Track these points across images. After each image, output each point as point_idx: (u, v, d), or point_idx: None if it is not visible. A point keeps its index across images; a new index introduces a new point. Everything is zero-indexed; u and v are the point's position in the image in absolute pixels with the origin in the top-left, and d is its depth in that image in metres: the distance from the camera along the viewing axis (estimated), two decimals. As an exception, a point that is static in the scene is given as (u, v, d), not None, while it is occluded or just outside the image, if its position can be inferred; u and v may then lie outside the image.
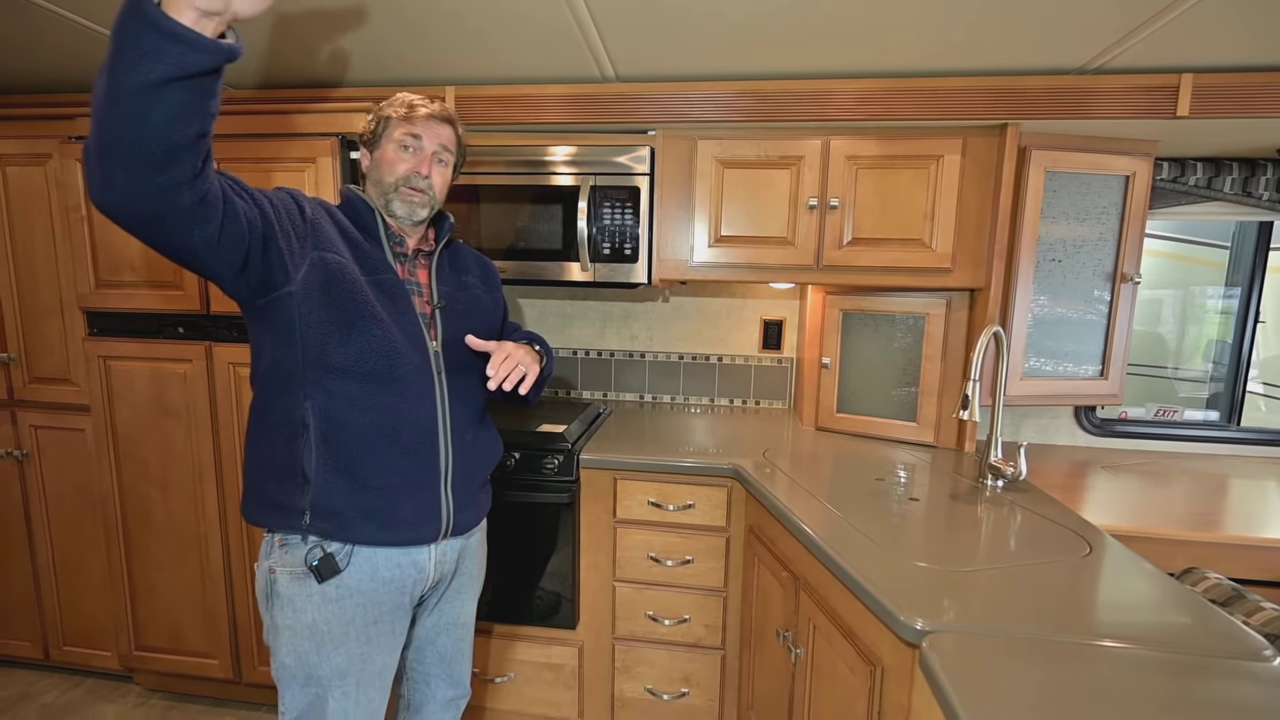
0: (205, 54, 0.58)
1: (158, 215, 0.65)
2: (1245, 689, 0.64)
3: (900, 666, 0.77)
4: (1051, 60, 1.19)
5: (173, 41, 0.56)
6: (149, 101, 0.58)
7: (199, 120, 0.62)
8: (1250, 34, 1.05)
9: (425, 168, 0.91)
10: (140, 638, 1.56)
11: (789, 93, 1.33)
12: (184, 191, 0.65)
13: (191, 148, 0.63)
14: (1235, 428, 1.67)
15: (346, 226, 0.90)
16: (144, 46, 0.56)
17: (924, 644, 0.71)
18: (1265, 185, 1.46)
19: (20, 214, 1.52)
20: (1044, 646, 0.71)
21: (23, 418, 1.57)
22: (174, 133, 0.60)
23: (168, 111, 0.59)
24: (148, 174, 0.61)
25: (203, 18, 0.58)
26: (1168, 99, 1.22)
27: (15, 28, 1.14)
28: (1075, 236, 1.39)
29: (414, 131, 0.90)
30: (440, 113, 0.92)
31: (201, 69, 0.59)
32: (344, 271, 0.84)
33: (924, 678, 0.70)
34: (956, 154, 1.33)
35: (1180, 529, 1.18)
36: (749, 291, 1.80)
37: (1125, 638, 0.72)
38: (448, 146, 0.94)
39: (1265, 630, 0.78)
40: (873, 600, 0.81)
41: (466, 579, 1.03)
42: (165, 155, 0.61)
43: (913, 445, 1.49)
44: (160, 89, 0.57)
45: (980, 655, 0.69)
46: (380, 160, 0.91)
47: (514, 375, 0.91)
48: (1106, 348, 1.42)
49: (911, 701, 0.75)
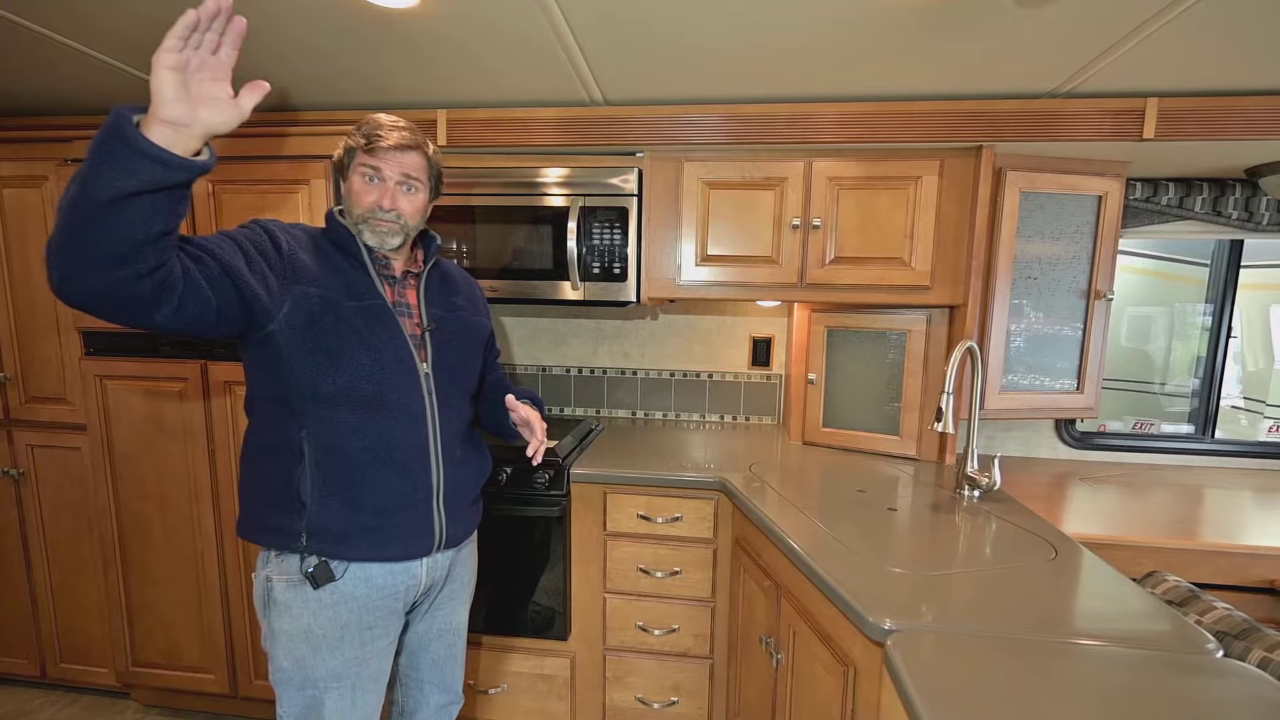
0: (178, 171, 0.61)
1: (114, 302, 0.66)
2: (1189, 681, 0.68)
3: (871, 666, 0.81)
4: (1023, 84, 1.23)
5: (149, 161, 0.59)
6: (118, 209, 0.60)
7: (164, 220, 0.63)
8: (1213, 59, 1.10)
9: (388, 200, 0.89)
10: (137, 654, 1.58)
11: (772, 116, 1.37)
12: (144, 281, 0.66)
13: (155, 243, 0.64)
14: (1209, 440, 1.72)
15: (329, 253, 0.90)
16: (120, 163, 0.58)
17: (889, 642, 0.75)
18: (1234, 205, 1.51)
19: (16, 235, 1.54)
20: (1006, 644, 0.74)
21: (19, 437, 1.59)
22: (138, 233, 0.62)
23: (135, 216, 0.61)
24: (110, 268, 0.62)
25: (174, 131, 0.60)
26: (1134, 122, 1.27)
27: (12, 52, 1.17)
28: (1050, 255, 1.43)
29: (373, 164, 0.88)
30: (402, 141, 0.88)
31: (173, 184, 0.61)
32: (327, 303, 0.86)
33: (889, 675, 0.73)
34: (934, 175, 1.38)
35: (1150, 536, 1.22)
36: (738, 309, 1.84)
37: (1084, 635, 0.77)
38: (412, 174, 0.91)
39: (1216, 628, 0.83)
40: (843, 603, 0.85)
41: (458, 586, 1.06)
42: (129, 252, 0.62)
43: (895, 458, 1.53)
44: (130, 199, 0.60)
45: (944, 653, 0.73)
46: (349, 191, 0.91)
47: (545, 446, 1.04)
48: (1082, 362, 1.47)
49: (881, 699, 0.79)
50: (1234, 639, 0.80)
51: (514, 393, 1.10)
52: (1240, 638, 0.80)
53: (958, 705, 0.63)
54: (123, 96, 1.40)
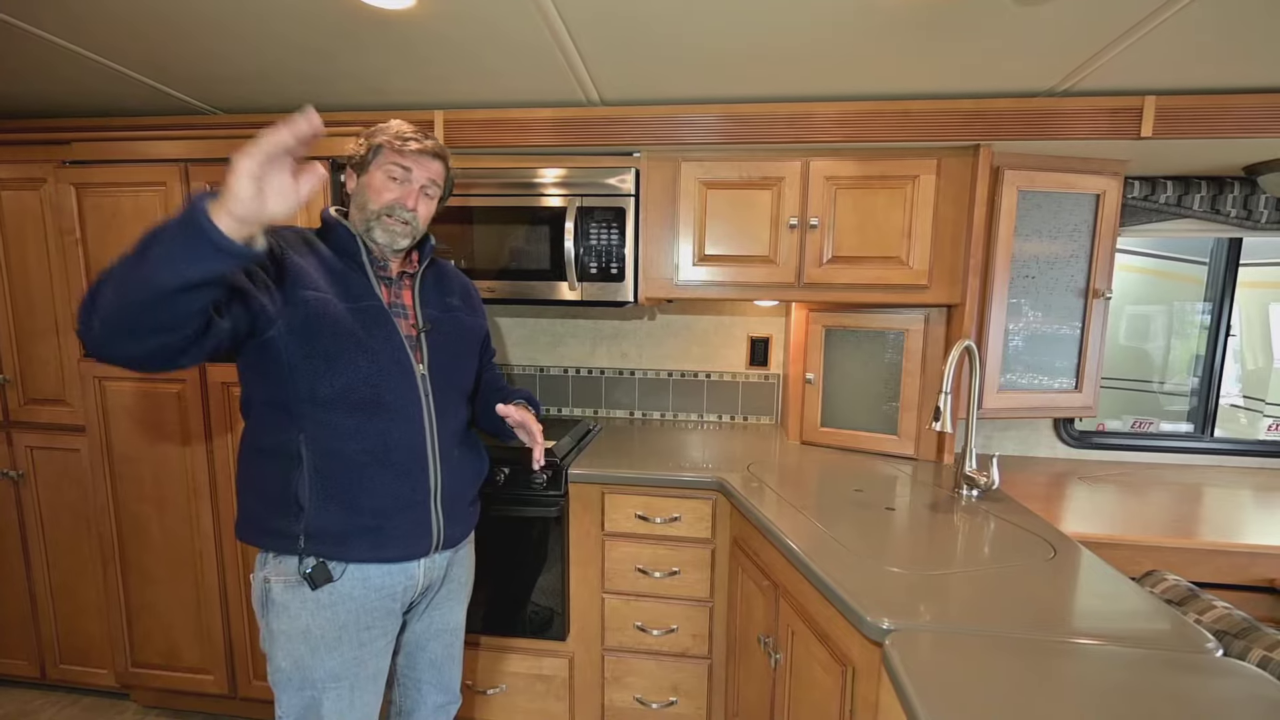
0: (238, 259, 0.64)
1: (148, 360, 0.69)
2: (1189, 680, 0.68)
3: (869, 665, 0.81)
4: (1021, 83, 1.23)
5: (224, 253, 0.62)
6: (181, 293, 0.63)
7: (214, 294, 0.67)
8: (1210, 58, 1.09)
9: (412, 200, 0.92)
10: (137, 655, 1.58)
11: (769, 115, 1.37)
12: (181, 342, 0.69)
13: (202, 313, 0.68)
14: (1209, 438, 1.71)
15: (326, 255, 0.91)
16: (195, 254, 0.61)
17: (887, 642, 0.75)
18: (1232, 203, 1.50)
19: (15, 237, 1.54)
20: (1005, 643, 0.74)
21: (18, 438, 1.59)
22: (192, 308, 0.65)
23: (194, 298, 0.64)
24: (154, 337, 0.66)
25: (242, 224, 0.62)
26: (1132, 120, 1.27)
27: (10, 54, 1.17)
28: (1048, 254, 1.43)
29: (405, 164, 0.91)
30: (433, 149, 0.93)
31: (230, 270, 0.65)
32: (325, 307, 0.86)
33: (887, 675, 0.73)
34: (932, 174, 1.37)
35: (1148, 535, 1.22)
36: (736, 309, 1.84)
37: (1083, 634, 0.76)
38: (436, 181, 0.95)
39: (1215, 627, 0.83)
40: (843, 603, 0.84)
41: (455, 585, 1.06)
42: (176, 325, 0.66)
43: (894, 458, 1.53)
44: (196, 285, 0.63)
45: (943, 652, 0.73)
46: (366, 185, 0.91)
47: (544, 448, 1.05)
48: (1080, 361, 1.46)
49: (879, 698, 0.79)
50: (1234, 638, 0.80)
51: (506, 393, 1.11)
52: (1240, 637, 0.80)
53: (957, 705, 0.63)
54: (122, 99, 1.40)
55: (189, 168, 1.43)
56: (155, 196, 1.44)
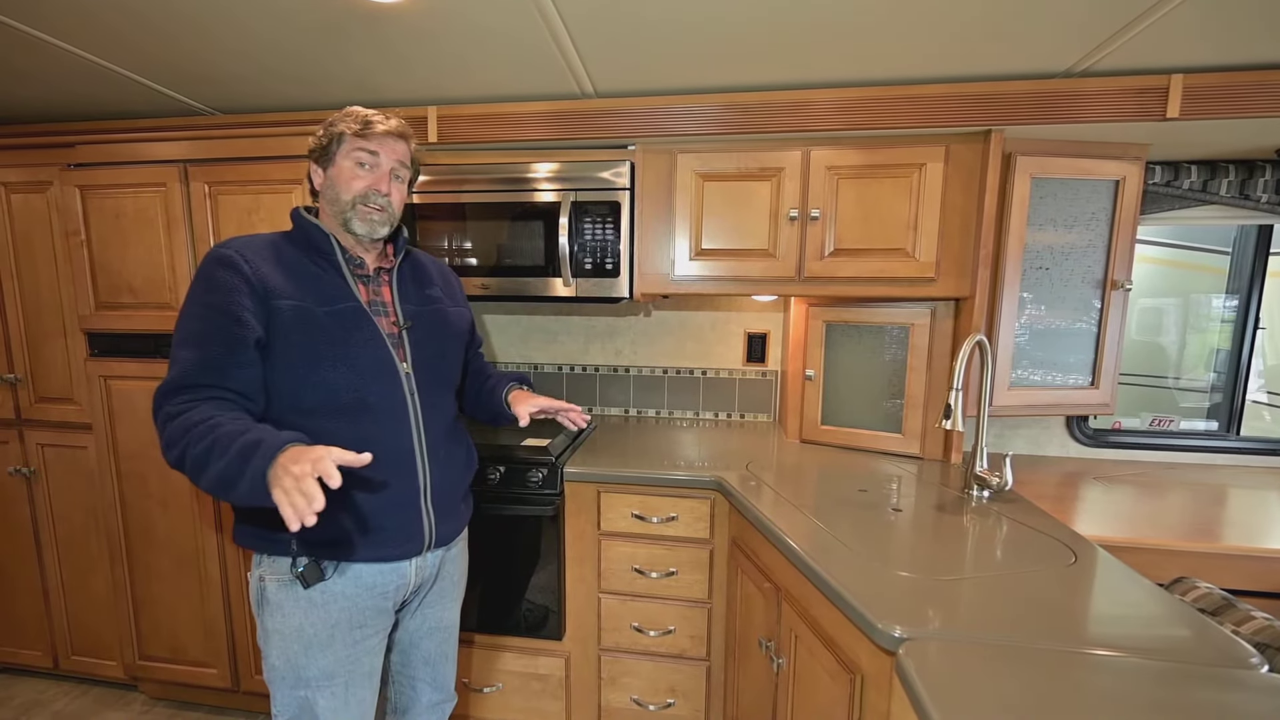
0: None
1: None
2: (1231, 697, 0.63)
3: (879, 674, 0.77)
4: (1036, 64, 1.17)
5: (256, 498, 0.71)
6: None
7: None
8: (1240, 31, 1.02)
9: (385, 185, 0.89)
10: (143, 648, 1.61)
11: (768, 104, 1.32)
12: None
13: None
14: (1234, 437, 1.63)
15: (296, 259, 0.88)
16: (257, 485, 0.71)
17: (900, 651, 0.71)
18: (1264, 187, 1.42)
19: (23, 240, 1.57)
20: (1025, 654, 0.70)
21: (30, 436, 1.63)
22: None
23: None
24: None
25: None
26: (1157, 100, 1.19)
27: (17, 59, 1.18)
28: (1063, 244, 1.36)
29: (371, 148, 0.88)
30: (397, 129, 0.90)
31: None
32: (300, 315, 0.84)
33: (901, 685, 0.70)
34: (939, 162, 1.32)
35: (1173, 539, 1.15)
36: (733, 305, 1.80)
37: (1109, 645, 0.71)
38: (404, 162, 0.92)
39: (1256, 639, 0.77)
40: (851, 609, 0.81)
41: (448, 584, 1.05)
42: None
43: (898, 457, 1.48)
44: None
45: (959, 662, 0.69)
46: (335, 177, 0.89)
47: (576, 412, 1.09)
48: (1097, 356, 1.40)
49: (891, 709, 0.75)
50: (1277, 651, 0.74)
51: (497, 379, 1.13)
52: (1285, 650, 0.74)
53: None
54: (124, 103, 1.41)
55: (188, 168, 1.44)
56: (155, 196, 1.46)
